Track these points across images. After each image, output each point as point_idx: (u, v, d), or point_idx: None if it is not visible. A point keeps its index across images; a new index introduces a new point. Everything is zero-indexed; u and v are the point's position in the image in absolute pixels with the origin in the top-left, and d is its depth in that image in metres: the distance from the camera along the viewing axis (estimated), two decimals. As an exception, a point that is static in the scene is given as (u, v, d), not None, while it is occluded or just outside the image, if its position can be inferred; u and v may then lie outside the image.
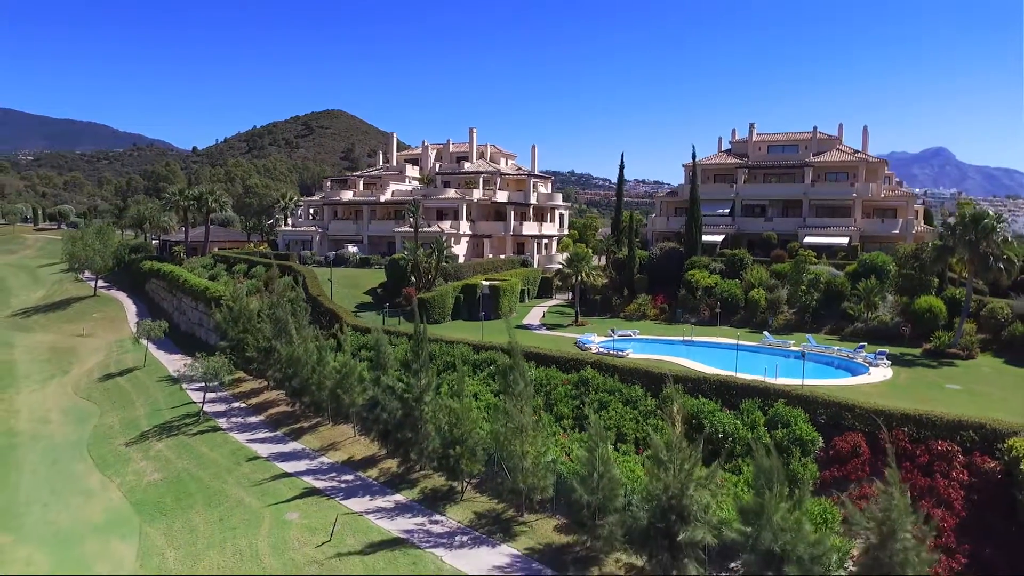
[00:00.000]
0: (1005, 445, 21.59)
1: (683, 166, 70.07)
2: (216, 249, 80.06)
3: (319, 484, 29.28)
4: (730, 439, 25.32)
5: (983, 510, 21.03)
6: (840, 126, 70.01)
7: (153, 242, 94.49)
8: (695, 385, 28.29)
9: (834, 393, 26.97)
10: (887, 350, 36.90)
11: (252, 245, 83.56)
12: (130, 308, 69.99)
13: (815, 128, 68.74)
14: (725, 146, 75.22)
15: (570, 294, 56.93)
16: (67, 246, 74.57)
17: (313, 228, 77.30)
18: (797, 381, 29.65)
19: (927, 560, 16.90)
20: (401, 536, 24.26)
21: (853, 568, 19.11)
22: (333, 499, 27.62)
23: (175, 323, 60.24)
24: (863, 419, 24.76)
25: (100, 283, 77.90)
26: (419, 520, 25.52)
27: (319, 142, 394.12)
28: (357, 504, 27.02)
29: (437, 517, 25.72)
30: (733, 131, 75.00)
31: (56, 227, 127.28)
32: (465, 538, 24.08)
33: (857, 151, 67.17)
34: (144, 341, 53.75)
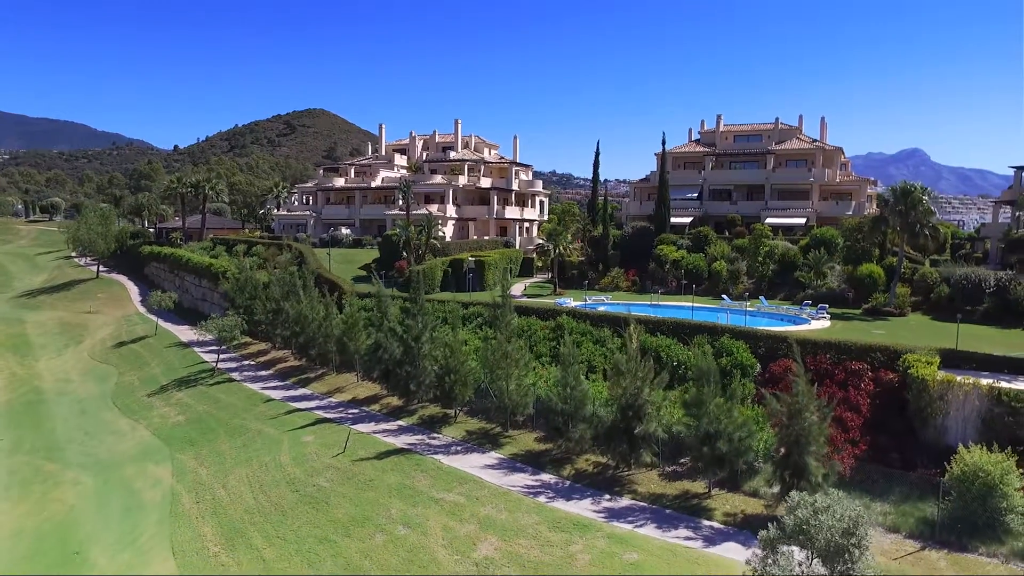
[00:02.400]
0: (902, 360, 26.36)
1: (655, 154, 74.91)
2: (211, 236, 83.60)
3: (329, 416, 33.57)
4: (683, 367, 29.93)
5: (882, 410, 25.78)
6: (800, 117, 75.54)
7: (150, 230, 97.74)
8: (655, 326, 32.87)
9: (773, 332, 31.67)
10: (827, 306, 41.81)
11: (247, 231, 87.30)
12: (132, 289, 73.43)
13: (777, 119, 74.04)
14: (695, 136, 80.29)
15: (549, 274, 61.40)
16: (71, 230, 77.86)
17: (307, 213, 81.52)
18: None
19: (824, 431, 21.67)
20: (405, 447, 28.65)
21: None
22: (343, 425, 31.87)
23: (178, 300, 63.89)
24: (793, 347, 29.39)
25: (100, 267, 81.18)
26: (419, 437, 29.91)
27: (301, 141, 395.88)
28: (364, 428, 31.30)
29: (435, 435, 30.12)
30: (702, 122, 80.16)
31: (48, 219, 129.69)
32: (459, 448, 28.51)
33: (815, 140, 72.45)
34: (152, 316, 57.72)
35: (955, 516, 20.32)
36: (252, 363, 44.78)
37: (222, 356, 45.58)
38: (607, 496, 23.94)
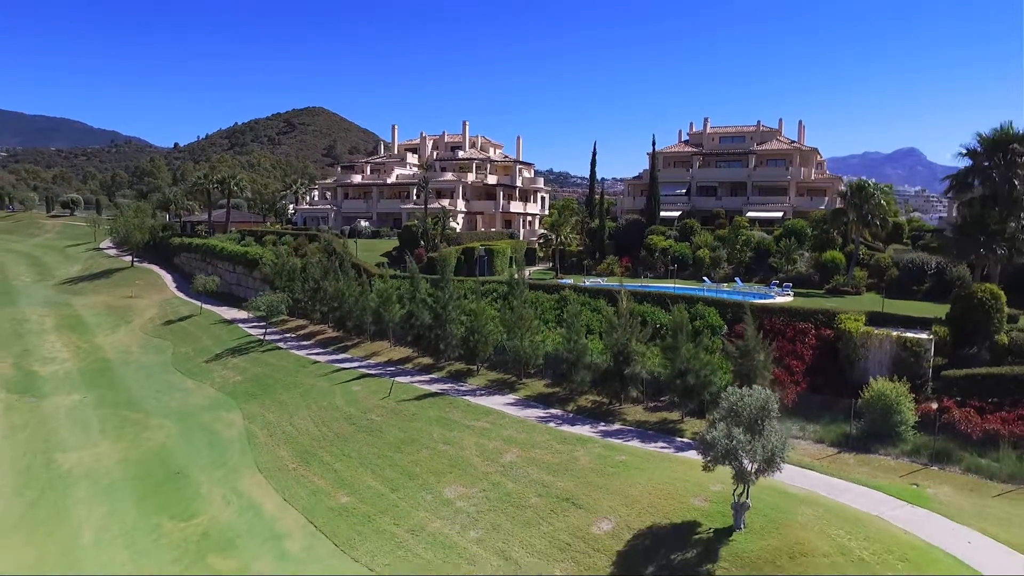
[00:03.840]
0: (837, 319, 33.02)
1: (647, 154, 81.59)
2: (233, 228, 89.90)
3: (371, 372, 40.13)
4: (664, 328, 36.52)
5: (821, 359, 32.44)
6: (780, 120, 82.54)
7: (176, 223, 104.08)
8: (642, 297, 39.49)
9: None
10: (791, 284, 48.52)
11: (268, 224, 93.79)
12: (166, 276, 79.72)
13: (759, 122, 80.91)
14: (684, 137, 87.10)
15: (550, 263, 67.92)
16: (108, 223, 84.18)
17: (328, 206, 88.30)
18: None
19: (769, 368, 28.29)
20: (438, 392, 35.25)
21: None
22: (384, 378, 38.41)
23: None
24: (754, 312, 36.02)
25: (133, 258, 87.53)
26: (449, 385, 36.52)
27: (301, 139, 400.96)
28: (402, 380, 37.83)
29: (461, 384, 36.73)
30: (691, 124, 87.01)
31: (68, 214, 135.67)
32: (483, 392, 35.12)
33: (793, 141, 79.25)
34: (189, 299, 64.09)
35: (865, 430, 26.96)
36: (293, 336, 51.25)
37: (266, 331, 51.99)
38: (603, 423, 30.56)
